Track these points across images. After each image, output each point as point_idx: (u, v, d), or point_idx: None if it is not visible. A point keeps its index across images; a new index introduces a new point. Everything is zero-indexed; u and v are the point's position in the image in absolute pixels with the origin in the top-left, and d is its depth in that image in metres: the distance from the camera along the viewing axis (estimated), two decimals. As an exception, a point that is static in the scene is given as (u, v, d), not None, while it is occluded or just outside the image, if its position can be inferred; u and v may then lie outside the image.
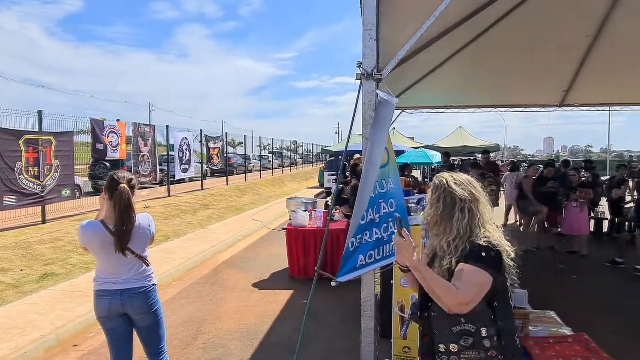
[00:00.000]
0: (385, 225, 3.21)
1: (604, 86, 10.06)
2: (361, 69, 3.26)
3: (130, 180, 2.84)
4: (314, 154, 45.96)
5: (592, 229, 9.68)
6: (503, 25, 7.58)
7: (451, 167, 10.47)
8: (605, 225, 9.80)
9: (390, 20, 5.52)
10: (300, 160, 41.39)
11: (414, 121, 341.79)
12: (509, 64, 9.17)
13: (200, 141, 17.09)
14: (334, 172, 16.60)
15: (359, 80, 3.30)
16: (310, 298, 3.13)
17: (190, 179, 16.57)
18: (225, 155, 19.76)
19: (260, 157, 29.18)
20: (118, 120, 11.86)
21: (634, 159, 41.57)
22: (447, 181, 1.97)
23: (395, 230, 1.90)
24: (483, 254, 1.80)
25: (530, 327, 4.26)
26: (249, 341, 4.43)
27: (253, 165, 28.15)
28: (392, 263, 3.72)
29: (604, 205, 10.06)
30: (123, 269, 2.81)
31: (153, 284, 2.96)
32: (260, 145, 31.31)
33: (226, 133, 20.61)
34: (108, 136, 11.20)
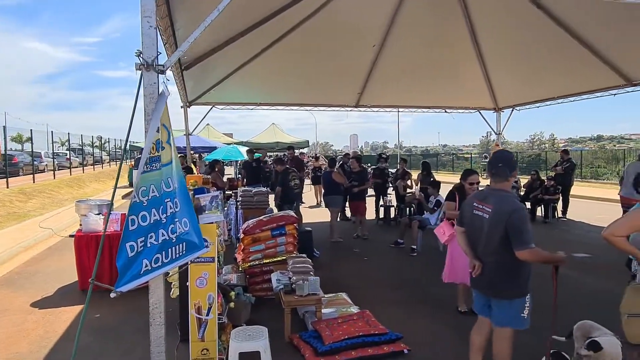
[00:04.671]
0: (172, 226, 3.03)
1: (392, 90, 11.56)
2: (141, 59, 3.01)
3: None
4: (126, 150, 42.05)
5: (381, 215, 11.11)
6: (303, 30, 8.07)
7: (258, 163, 10.70)
8: (393, 212, 11.30)
9: (187, 9, 5.32)
10: (108, 157, 37.50)
11: (232, 117, 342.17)
12: (312, 66, 9.82)
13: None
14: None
15: (139, 71, 3.04)
16: (84, 314, 2.78)
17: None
18: (4, 152, 16.57)
19: (56, 154, 25.35)
20: None
21: (420, 154, 49.19)
22: None
23: None
24: None
25: (323, 310, 4.62)
26: (19, 373, 3.75)
27: (46, 165, 24.30)
28: (187, 264, 3.57)
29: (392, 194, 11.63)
30: None
31: None
32: (58, 141, 27.25)
33: (4, 126, 17.28)
34: None
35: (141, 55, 3.01)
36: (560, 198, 11.31)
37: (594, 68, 8.74)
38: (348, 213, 10.70)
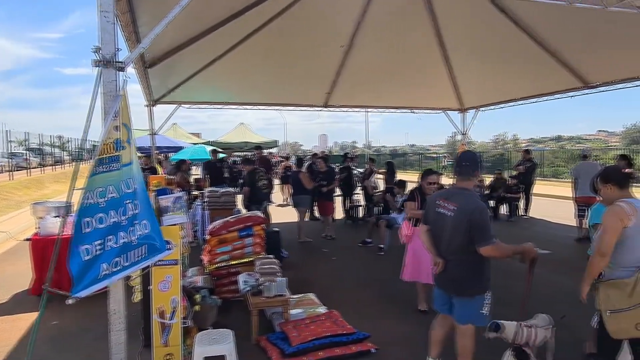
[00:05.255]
0: (132, 228, 2.93)
1: (360, 91, 11.63)
2: (99, 55, 2.90)
3: None
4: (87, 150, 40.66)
5: (346, 213, 11.17)
6: (271, 29, 7.99)
7: (222, 163, 10.54)
8: (361, 212, 11.36)
9: (150, 5, 5.17)
10: (69, 157, 36.18)
11: (202, 117, 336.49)
12: (281, 66, 9.76)
13: None
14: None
15: (97, 68, 2.93)
16: (37, 322, 2.65)
17: None
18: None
19: (12, 154, 24.28)
20: None
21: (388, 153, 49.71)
22: None
23: None
24: None
25: (291, 311, 4.59)
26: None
27: (3, 166, 23.32)
28: (149, 267, 3.47)
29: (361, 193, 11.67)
30: None
31: None
32: (15, 141, 26.07)
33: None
34: None
35: (99, 51, 2.91)
36: (523, 196, 11.66)
37: (553, 71, 9.05)
38: (317, 213, 10.69)
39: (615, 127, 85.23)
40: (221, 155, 12.59)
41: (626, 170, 5.83)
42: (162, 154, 15.25)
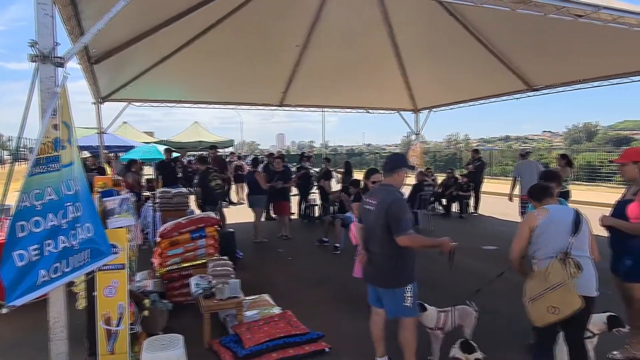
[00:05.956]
0: (74, 232, 2.80)
1: (316, 90, 11.64)
2: (35, 49, 2.74)
3: None
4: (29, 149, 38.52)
5: (302, 213, 11.21)
6: (225, 27, 7.86)
7: (174, 162, 10.26)
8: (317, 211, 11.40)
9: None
10: (10, 157, 34.11)
11: (156, 115, 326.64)
12: (236, 64, 9.60)
13: None
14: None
15: (34, 63, 2.77)
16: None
17: None
18: None
19: (-54, 154, 22.67)
20: None
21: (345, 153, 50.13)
22: None
23: None
24: None
25: (246, 313, 4.54)
26: None
27: None
28: (93, 272, 3.32)
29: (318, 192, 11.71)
30: None
31: None
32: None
33: None
34: None
35: (36, 45, 2.76)
36: (473, 194, 12.08)
37: (501, 74, 9.43)
38: (273, 213, 10.63)
39: (559, 128, 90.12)
40: (174, 155, 12.26)
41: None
42: (112, 154, 14.68)
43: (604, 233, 3.60)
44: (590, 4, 4.28)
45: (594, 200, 11.95)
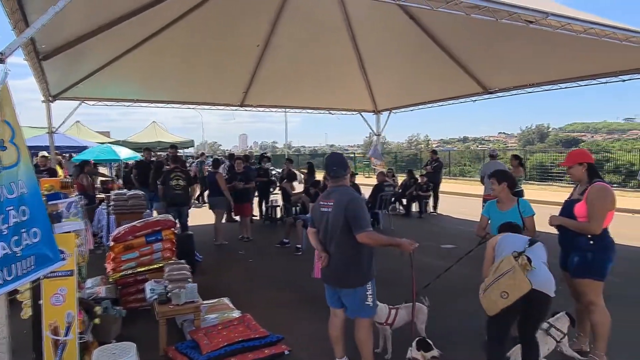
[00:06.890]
0: (16, 237, 2.64)
1: (278, 90, 11.58)
2: (-28, 44, 2.58)
3: None
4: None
5: (264, 214, 11.14)
6: (183, 24, 7.68)
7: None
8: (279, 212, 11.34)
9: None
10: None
11: (112, 114, 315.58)
12: (195, 63, 9.43)
13: None
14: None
15: (-29, 59, 2.60)
16: None
17: None
18: None
19: None
20: None
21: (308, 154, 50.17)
22: None
23: None
24: None
25: (205, 317, 4.43)
26: None
27: None
28: (39, 279, 3.16)
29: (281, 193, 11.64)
30: None
31: None
32: None
33: None
34: None
35: (-27, 40, 2.59)
36: (432, 194, 12.36)
37: (458, 77, 9.71)
38: (234, 214, 10.48)
39: (514, 130, 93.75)
40: (136, 157, 11.82)
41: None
42: (64, 155, 14.07)
43: (554, 231, 3.75)
44: (540, 10, 4.47)
45: (546, 199, 12.47)
